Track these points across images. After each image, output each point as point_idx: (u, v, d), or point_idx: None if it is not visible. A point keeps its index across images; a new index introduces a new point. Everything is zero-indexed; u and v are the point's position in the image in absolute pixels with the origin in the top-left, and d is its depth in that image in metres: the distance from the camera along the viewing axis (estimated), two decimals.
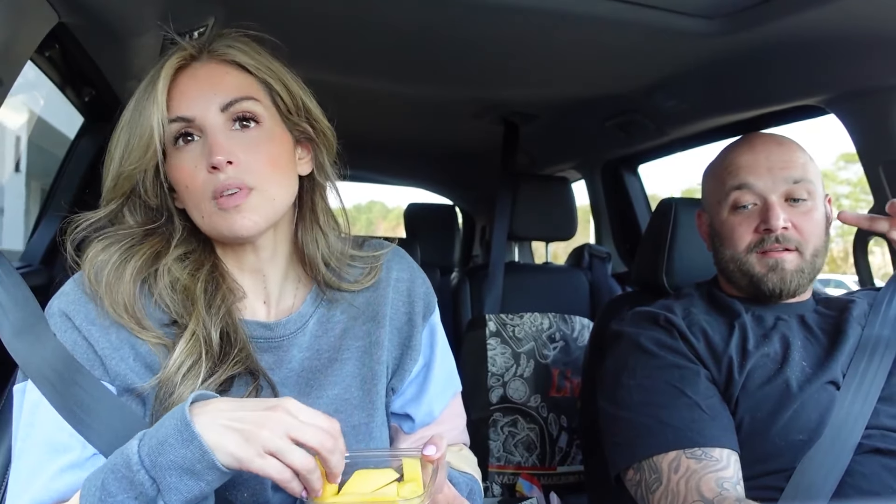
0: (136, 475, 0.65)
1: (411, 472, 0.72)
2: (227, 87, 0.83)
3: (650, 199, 2.59)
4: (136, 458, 0.65)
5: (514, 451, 1.91)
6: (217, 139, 0.81)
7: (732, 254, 1.20)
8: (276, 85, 0.87)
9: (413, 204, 3.04)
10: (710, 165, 1.30)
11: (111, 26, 1.20)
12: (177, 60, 0.84)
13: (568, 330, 2.02)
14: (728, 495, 0.97)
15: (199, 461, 0.64)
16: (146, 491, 0.65)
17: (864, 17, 1.21)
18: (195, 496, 0.66)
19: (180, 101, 0.82)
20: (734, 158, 1.22)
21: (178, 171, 0.83)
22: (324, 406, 0.88)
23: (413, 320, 0.98)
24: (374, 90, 1.88)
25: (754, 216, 1.18)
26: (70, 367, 0.79)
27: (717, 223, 1.25)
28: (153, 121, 0.80)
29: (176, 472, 0.64)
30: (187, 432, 0.65)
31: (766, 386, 1.10)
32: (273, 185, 0.83)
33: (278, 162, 0.85)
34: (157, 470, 0.65)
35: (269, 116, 0.86)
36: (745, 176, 1.19)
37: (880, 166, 1.51)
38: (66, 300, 0.83)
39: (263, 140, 0.84)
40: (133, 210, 0.86)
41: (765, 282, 1.17)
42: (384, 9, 1.31)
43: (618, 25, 1.33)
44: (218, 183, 0.80)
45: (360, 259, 0.97)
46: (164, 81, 0.81)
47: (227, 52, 0.86)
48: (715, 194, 1.25)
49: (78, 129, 1.81)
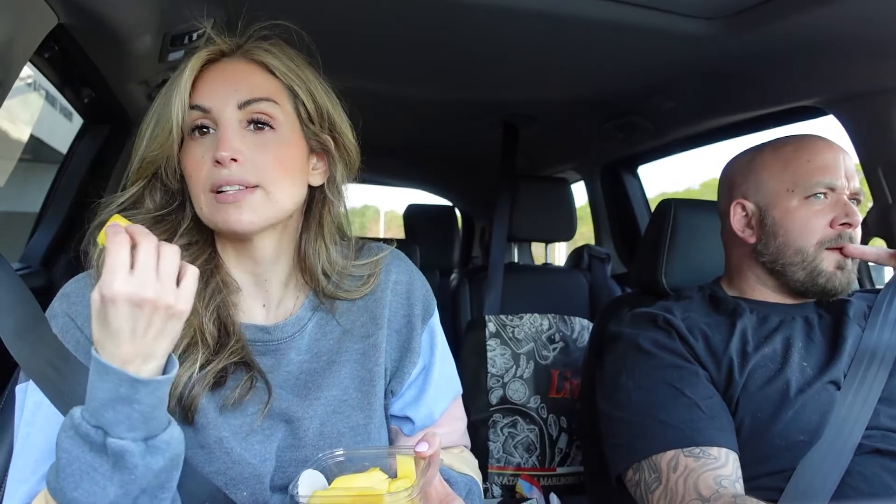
0: (80, 427, 0.68)
1: (405, 470, 0.73)
2: (249, 85, 0.84)
3: (661, 197, 2.59)
4: (77, 414, 0.69)
5: (514, 452, 1.91)
6: (226, 134, 0.81)
7: (801, 245, 1.17)
8: (301, 92, 0.87)
9: (412, 205, 3.04)
10: (769, 153, 1.24)
11: (110, 28, 1.20)
12: (207, 53, 0.85)
13: (567, 331, 2.02)
14: (725, 492, 0.97)
15: (119, 385, 0.67)
16: (93, 438, 0.68)
17: (864, 18, 1.21)
18: (138, 419, 0.68)
19: (202, 92, 0.83)
20: (818, 153, 1.19)
21: (188, 161, 0.84)
22: (321, 407, 0.89)
23: (412, 323, 0.98)
24: (373, 92, 1.88)
25: (828, 210, 1.17)
26: (72, 367, 0.79)
27: (778, 212, 1.20)
28: (175, 107, 0.81)
29: (109, 406, 0.67)
30: (98, 366, 0.67)
31: (766, 387, 1.10)
32: (277, 186, 0.83)
33: (286, 165, 0.85)
34: (94, 416, 0.68)
35: (287, 122, 0.86)
36: (831, 172, 1.17)
37: (880, 167, 1.51)
38: (68, 301, 0.84)
39: (276, 143, 0.84)
40: (153, 193, 0.87)
41: (832, 280, 1.16)
42: (383, 11, 1.31)
43: (617, 27, 1.33)
44: (219, 178, 0.81)
45: (359, 268, 0.97)
46: (190, 71, 0.83)
47: (257, 52, 0.87)
48: (782, 182, 1.20)
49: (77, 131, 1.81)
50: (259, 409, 0.85)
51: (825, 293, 1.18)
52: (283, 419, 0.87)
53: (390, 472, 0.75)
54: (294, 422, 0.87)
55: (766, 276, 1.23)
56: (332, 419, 0.89)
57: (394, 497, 0.67)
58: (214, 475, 0.82)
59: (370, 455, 0.77)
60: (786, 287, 1.21)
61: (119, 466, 0.68)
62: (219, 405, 0.84)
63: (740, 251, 1.28)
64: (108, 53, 1.34)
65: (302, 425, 0.87)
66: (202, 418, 0.82)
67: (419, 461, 0.72)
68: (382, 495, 0.68)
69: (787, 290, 1.22)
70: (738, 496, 0.96)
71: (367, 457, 0.76)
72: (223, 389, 0.84)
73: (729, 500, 0.95)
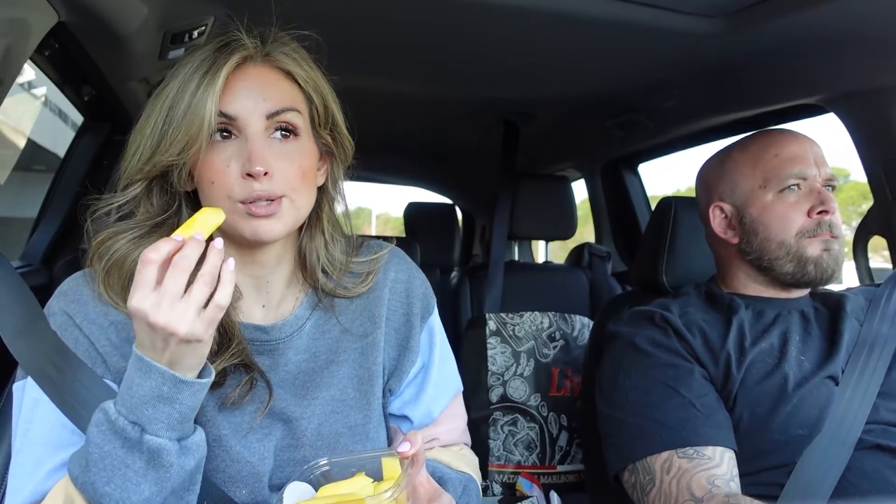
0: (116, 422, 0.69)
1: (390, 471, 0.74)
2: (277, 95, 0.82)
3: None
4: (112, 409, 0.70)
5: (514, 450, 1.91)
6: (257, 147, 0.79)
7: (783, 239, 1.18)
8: (316, 98, 0.87)
9: (413, 203, 3.04)
10: (738, 153, 1.27)
11: (111, 26, 1.20)
12: (239, 58, 0.81)
13: (568, 329, 2.03)
14: (718, 492, 0.98)
15: (163, 384, 0.69)
16: (129, 434, 0.69)
17: (865, 16, 1.21)
18: (177, 419, 0.70)
19: (228, 98, 0.80)
20: (784, 146, 1.21)
21: (208, 168, 0.80)
22: (320, 407, 0.89)
23: (411, 322, 0.98)
24: (373, 90, 1.88)
25: (804, 200, 1.18)
26: (71, 364, 0.79)
27: (754, 210, 1.21)
28: (207, 113, 0.77)
29: (150, 404, 0.69)
30: (142, 364, 0.69)
31: (764, 381, 1.10)
32: (300, 196, 0.83)
33: (308, 175, 0.84)
34: (133, 412, 0.69)
35: (305, 129, 0.85)
36: (800, 162, 1.18)
37: (880, 166, 1.51)
38: (66, 300, 0.83)
39: (299, 153, 0.83)
40: (151, 195, 0.84)
41: (820, 264, 1.16)
42: (384, 10, 1.31)
43: (618, 25, 1.33)
44: (252, 192, 0.79)
45: (359, 265, 0.97)
46: (224, 75, 0.78)
47: (282, 59, 0.85)
48: (754, 180, 1.22)
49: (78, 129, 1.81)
50: (258, 408, 0.85)
51: (817, 280, 1.18)
52: (281, 419, 0.87)
53: (378, 475, 0.75)
54: (292, 422, 0.87)
55: (756, 272, 1.24)
56: (331, 419, 0.89)
57: (375, 499, 0.67)
58: (213, 473, 0.83)
59: (356, 461, 0.77)
60: (776, 281, 1.22)
61: (154, 464, 0.69)
62: (217, 403, 0.84)
63: (727, 252, 1.29)
64: (109, 51, 1.34)
65: (300, 425, 0.87)
66: (201, 416, 0.82)
67: (403, 461, 0.72)
68: (364, 499, 0.68)
69: (779, 283, 1.22)
70: (732, 495, 0.97)
71: (353, 463, 0.76)
72: (222, 389, 0.84)
73: (722, 500, 0.96)
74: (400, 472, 0.72)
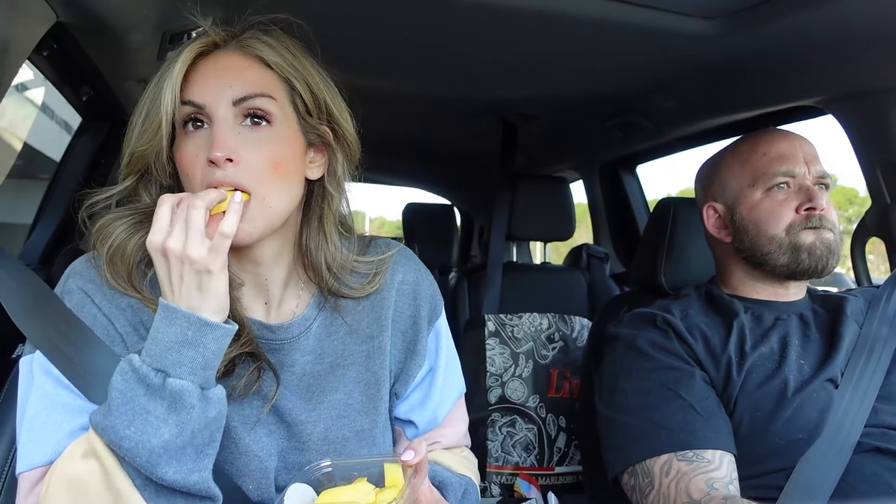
0: (140, 369, 0.70)
1: (393, 478, 0.73)
2: (244, 80, 0.80)
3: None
4: (136, 358, 0.71)
5: (513, 452, 1.91)
6: (221, 133, 0.78)
7: (773, 234, 1.19)
8: (298, 84, 0.83)
9: (411, 204, 3.04)
10: (729, 153, 1.29)
11: (109, 26, 1.20)
12: (199, 46, 0.81)
13: (567, 330, 2.02)
14: (716, 494, 0.98)
15: (188, 328, 0.71)
16: (153, 381, 0.70)
17: (864, 17, 1.21)
18: (200, 364, 0.72)
19: (194, 87, 0.79)
20: (772, 145, 1.22)
21: (183, 157, 0.80)
22: (326, 411, 0.88)
23: (418, 324, 0.96)
24: (371, 90, 1.88)
25: (792, 198, 1.19)
26: (88, 340, 0.79)
27: (744, 208, 1.23)
28: (166, 101, 0.77)
29: (174, 349, 0.71)
30: (168, 311, 0.72)
31: (764, 385, 1.10)
32: (271, 190, 0.80)
33: (281, 166, 0.81)
34: (157, 359, 0.71)
35: (284, 117, 0.82)
36: (787, 161, 1.19)
37: (878, 167, 1.51)
38: (83, 279, 0.82)
39: (271, 141, 0.81)
40: (148, 188, 0.85)
41: (814, 252, 1.16)
42: (383, 9, 1.31)
43: (617, 26, 1.33)
44: (213, 178, 0.77)
45: (365, 265, 0.94)
46: (181, 64, 0.79)
47: (252, 44, 0.83)
48: (743, 179, 1.24)
49: (76, 129, 1.81)
50: (265, 401, 0.85)
51: (812, 270, 1.18)
52: (286, 420, 0.86)
53: (380, 480, 0.75)
54: (298, 425, 0.86)
55: (752, 269, 1.24)
56: (338, 424, 0.88)
57: None
58: (222, 464, 0.81)
59: (358, 464, 0.76)
60: (773, 275, 1.22)
61: (176, 407, 0.70)
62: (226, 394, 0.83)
63: (722, 251, 1.30)
64: (107, 51, 1.34)
65: (306, 429, 0.86)
66: None
67: (406, 469, 0.72)
68: None
69: (775, 277, 1.22)
70: (730, 498, 0.97)
71: (355, 466, 0.76)
72: (230, 379, 0.83)
73: (720, 503, 0.95)
74: (403, 482, 0.71)
